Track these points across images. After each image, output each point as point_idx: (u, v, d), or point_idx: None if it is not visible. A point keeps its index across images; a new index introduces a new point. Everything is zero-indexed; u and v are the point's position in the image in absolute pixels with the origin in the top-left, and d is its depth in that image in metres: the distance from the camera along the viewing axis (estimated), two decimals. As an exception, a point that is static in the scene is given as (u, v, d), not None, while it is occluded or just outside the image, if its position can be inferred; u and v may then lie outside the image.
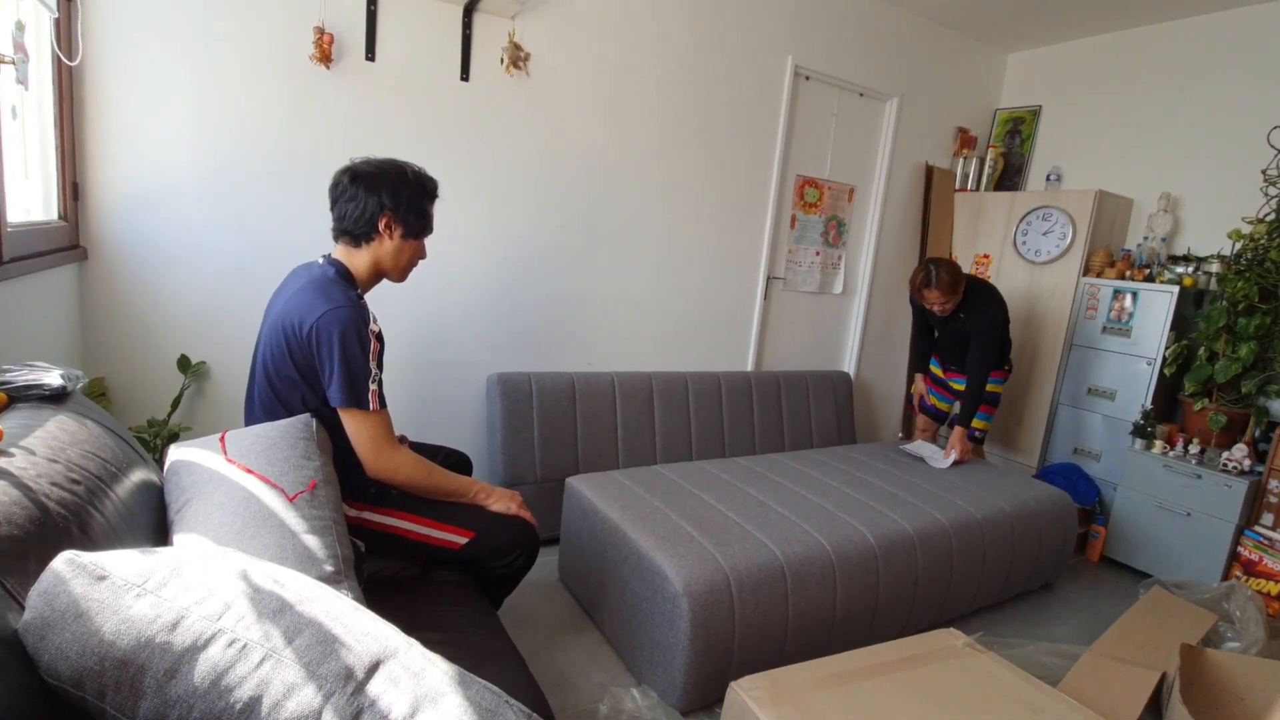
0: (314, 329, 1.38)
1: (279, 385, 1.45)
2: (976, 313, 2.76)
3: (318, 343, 1.38)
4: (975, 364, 2.76)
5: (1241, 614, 2.38)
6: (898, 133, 3.54)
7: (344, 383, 1.38)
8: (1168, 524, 2.83)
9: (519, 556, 1.61)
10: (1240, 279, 2.78)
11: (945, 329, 2.96)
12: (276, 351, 1.44)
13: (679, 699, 1.67)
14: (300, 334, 1.39)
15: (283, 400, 1.46)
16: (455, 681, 0.78)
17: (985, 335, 2.74)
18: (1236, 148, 3.03)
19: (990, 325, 2.75)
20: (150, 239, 2.10)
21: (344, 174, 1.49)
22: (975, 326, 2.75)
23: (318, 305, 1.39)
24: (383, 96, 2.31)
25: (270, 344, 1.45)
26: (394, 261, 1.55)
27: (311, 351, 1.39)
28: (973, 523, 2.25)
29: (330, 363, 1.38)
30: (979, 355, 2.75)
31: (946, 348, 3.05)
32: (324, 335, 1.37)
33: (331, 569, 1.11)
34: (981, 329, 2.74)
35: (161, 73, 2.02)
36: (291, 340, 1.41)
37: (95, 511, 0.98)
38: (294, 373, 1.43)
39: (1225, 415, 2.80)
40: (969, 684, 1.63)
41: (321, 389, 1.42)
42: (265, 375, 1.47)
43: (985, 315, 2.75)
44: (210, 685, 0.70)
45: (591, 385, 2.70)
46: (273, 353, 1.44)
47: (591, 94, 2.69)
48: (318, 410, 1.42)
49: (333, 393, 1.40)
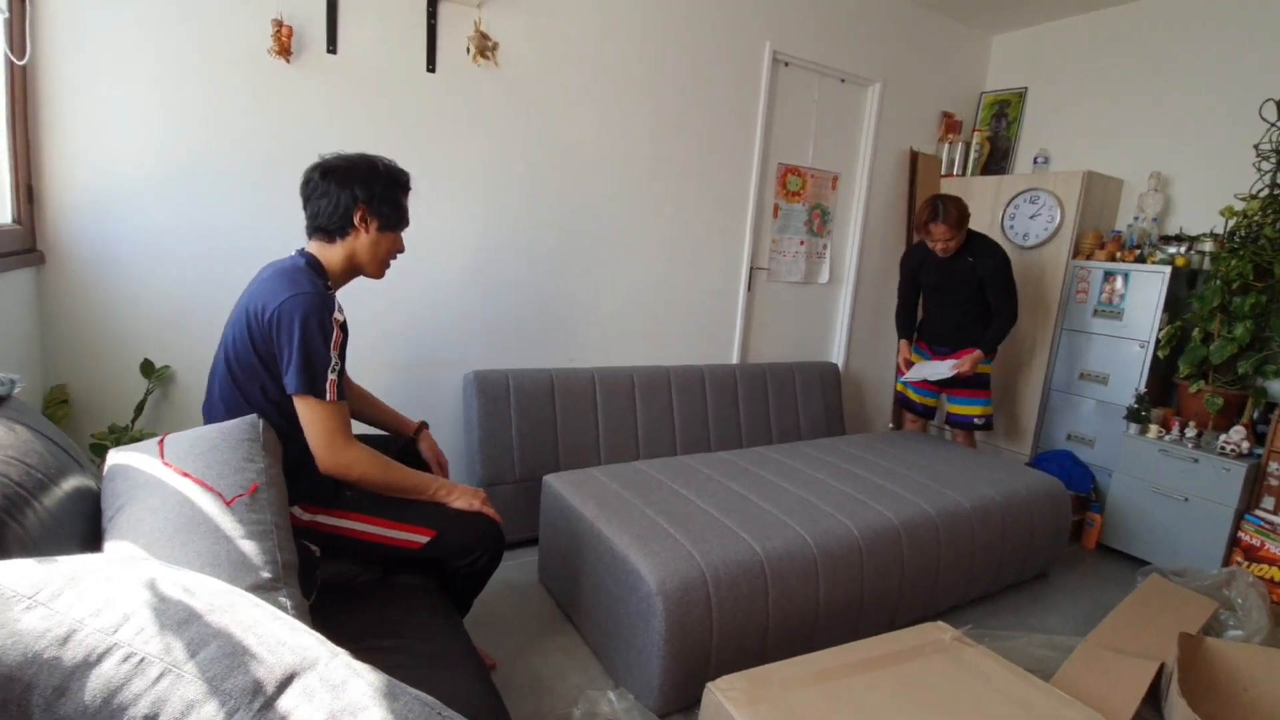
0: (276, 313, 1.35)
1: (240, 375, 1.41)
2: (986, 256, 2.76)
3: (278, 327, 1.35)
4: (1005, 305, 2.76)
5: (1243, 601, 2.32)
6: (881, 118, 3.49)
7: (301, 368, 1.34)
8: (1165, 510, 2.78)
9: (482, 556, 1.55)
10: (1234, 257, 2.72)
11: (943, 282, 2.87)
12: (239, 339, 1.40)
13: (656, 701, 1.62)
14: (262, 319, 1.36)
15: (243, 391, 1.41)
16: (381, 694, 0.73)
17: (1000, 276, 2.74)
18: (1227, 123, 2.97)
19: (1004, 266, 2.75)
20: (110, 241, 2.05)
21: (314, 170, 1.47)
22: (987, 270, 2.75)
23: (281, 291, 1.37)
24: (346, 90, 2.25)
25: (234, 331, 1.42)
26: (371, 255, 1.53)
27: (272, 337, 1.36)
28: (960, 512, 2.19)
29: (289, 347, 1.34)
30: (1002, 297, 2.76)
31: (936, 317, 2.97)
32: (285, 319, 1.34)
33: (269, 575, 1.05)
34: (995, 272, 2.74)
35: (116, 71, 1.97)
36: (254, 325, 1.37)
37: (11, 520, 0.93)
38: (255, 359, 1.38)
39: (1222, 397, 2.75)
40: (956, 680, 1.57)
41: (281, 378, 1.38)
42: (227, 365, 1.43)
43: (997, 258, 2.76)
44: (102, 704, 0.64)
45: (571, 381, 2.65)
46: (235, 340, 1.41)
47: (562, 84, 2.63)
48: (279, 403, 1.38)
49: (289, 378, 1.35)
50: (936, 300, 2.96)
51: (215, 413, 1.45)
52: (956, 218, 2.66)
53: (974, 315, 2.84)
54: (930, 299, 3.00)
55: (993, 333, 2.79)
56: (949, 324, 2.90)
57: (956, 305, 2.87)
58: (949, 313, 2.90)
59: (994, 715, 1.45)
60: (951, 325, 2.87)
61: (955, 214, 2.66)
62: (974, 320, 2.84)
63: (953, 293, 2.86)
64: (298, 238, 2.24)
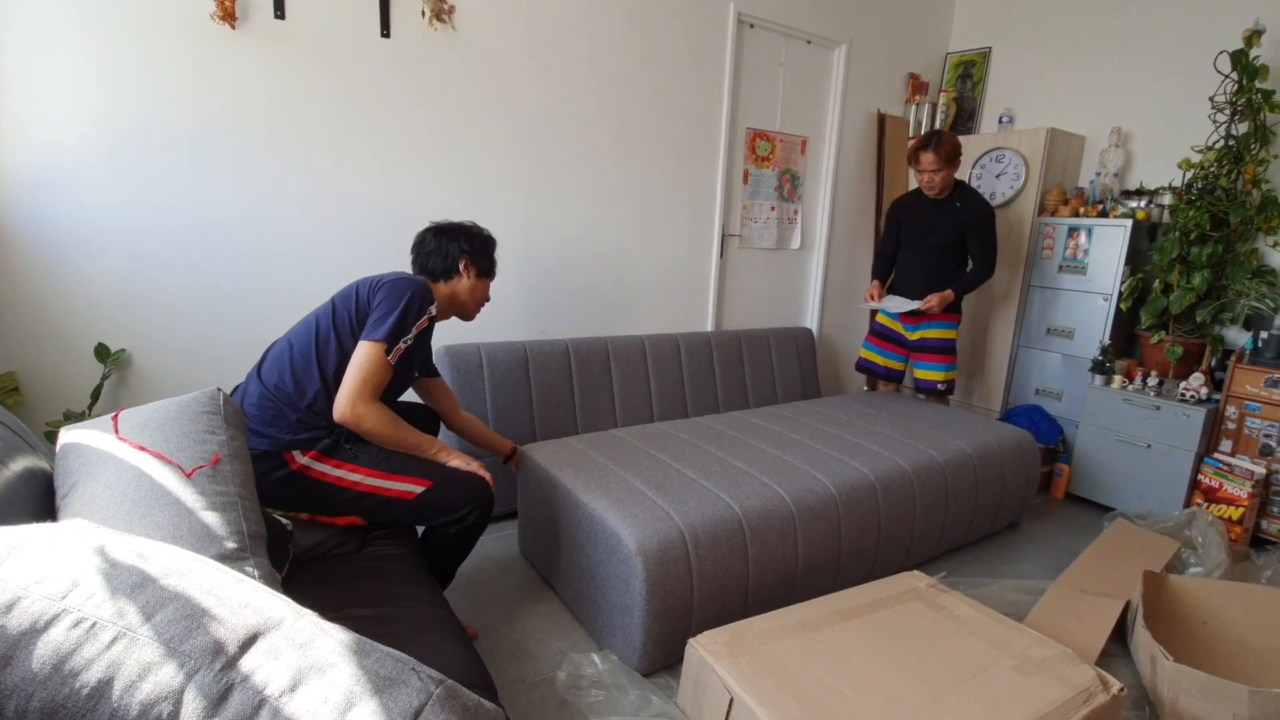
0: (390, 281, 1.58)
1: (323, 331, 1.56)
2: (974, 203, 2.80)
3: (385, 291, 1.56)
4: (979, 251, 2.81)
5: (1203, 539, 2.40)
6: (848, 81, 3.47)
7: (384, 323, 1.51)
8: (1129, 457, 2.85)
9: (473, 511, 1.60)
10: (1191, 208, 2.77)
11: (927, 227, 2.87)
12: (340, 305, 1.59)
13: (639, 660, 1.63)
14: (376, 284, 1.58)
15: (320, 353, 1.55)
16: (350, 650, 0.71)
17: (984, 224, 2.79)
18: (1185, 76, 3.01)
19: (990, 216, 2.80)
20: (54, 221, 1.96)
21: (428, 231, 1.79)
22: (973, 216, 2.78)
23: (400, 274, 1.63)
24: (297, 57, 2.17)
25: (339, 297, 1.61)
26: (470, 296, 1.81)
27: (372, 299, 1.56)
28: (934, 466, 2.23)
29: (385, 307, 1.53)
30: (983, 243, 2.80)
31: (910, 268, 2.95)
32: (394, 288, 1.56)
33: (234, 545, 1.02)
34: (981, 219, 2.79)
35: (46, 40, 1.86)
36: (362, 292, 1.59)
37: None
38: (350, 321, 1.56)
39: (1182, 346, 2.82)
40: (932, 624, 1.60)
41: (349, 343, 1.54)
42: (315, 325, 1.58)
43: (984, 207, 2.81)
44: (51, 670, 0.62)
45: (545, 354, 2.62)
46: (336, 302, 1.60)
47: (522, 48, 2.56)
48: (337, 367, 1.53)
49: (371, 327, 1.52)
50: (914, 252, 2.95)
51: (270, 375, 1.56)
52: (947, 151, 2.69)
53: (950, 269, 2.86)
54: (907, 254, 2.98)
55: (968, 277, 2.83)
56: (923, 275, 2.88)
57: (933, 253, 2.87)
58: (925, 261, 2.89)
59: (970, 656, 1.48)
60: (925, 279, 2.87)
61: (947, 148, 2.69)
62: (949, 274, 2.85)
63: (933, 236, 2.86)
64: (250, 211, 2.19)
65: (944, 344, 2.91)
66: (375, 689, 0.66)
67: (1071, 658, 1.49)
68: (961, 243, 2.83)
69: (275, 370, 1.54)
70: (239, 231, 2.20)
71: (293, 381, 1.52)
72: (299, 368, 1.53)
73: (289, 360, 1.54)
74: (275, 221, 2.25)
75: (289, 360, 1.54)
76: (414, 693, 0.66)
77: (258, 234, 2.23)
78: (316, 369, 1.53)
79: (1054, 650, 1.52)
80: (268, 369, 1.56)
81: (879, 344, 3.10)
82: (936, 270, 2.87)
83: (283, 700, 0.62)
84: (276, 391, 1.52)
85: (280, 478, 1.48)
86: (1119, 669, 1.80)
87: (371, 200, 2.39)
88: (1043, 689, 1.38)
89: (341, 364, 1.53)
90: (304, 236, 2.30)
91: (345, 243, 2.37)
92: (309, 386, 1.52)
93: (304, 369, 1.53)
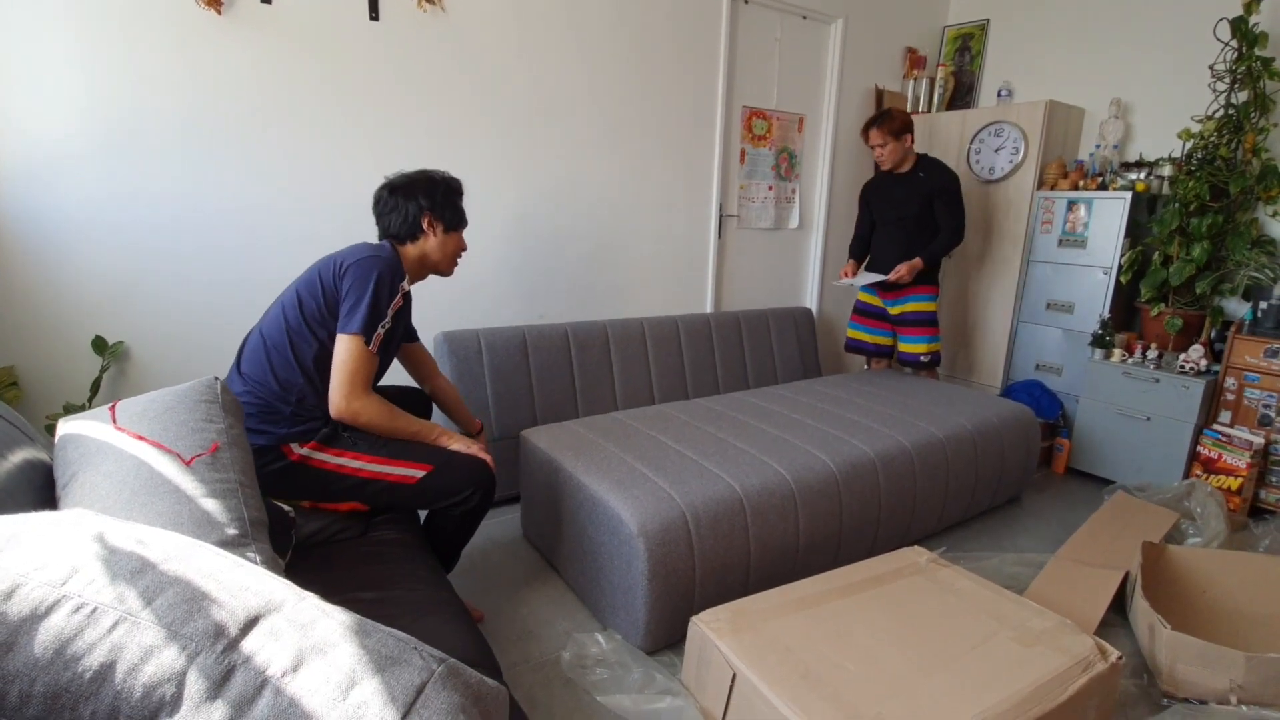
0: (354, 263, 1.51)
1: (294, 330, 1.51)
2: (936, 172, 2.83)
3: (352, 275, 1.49)
4: (946, 218, 2.82)
5: (1202, 510, 2.41)
6: (845, 56, 3.43)
7: (357, 313, 1.47)
8: (1129, 430, 2.86)
9: (475, 493, 1.60)
10: (1191, 179, 2.75)
11: (896, 200, 2.90)
12: (305, 290, 1.52)
13: (642, 639, 1.64)
14: (340, 267, 1.52)
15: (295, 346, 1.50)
16: (351, 631, 0.71)
17: (949, 190, 2.81)
18: (1184, 45, 2.97)
19: (953, 182, 2.83)
20: (46, 213, 1.94)
21: (383, 189, 1.68)
22: (937, 183, 2.81)
23: (362, 251, 1.55)
24: (284, 42, 2.14)
25: (294, 291, 1.54)
26: (441, 253, 1.70)
27: (338, 285, 1.50)
28: (934, 442, 2.23)
29: (355, 294, 1.48)
30: (949, 210, 2.81)
31: (885, 244, 2.97)
32: (360, 270, 1.50)
33: (235, 532, 1.03)
34: (946, 185, 2.81)
35: (31, 32, 1.84)
36: (325, 275, 1.52)
37: (-50, 489, 0.89)
38: (318, 307, 1.50)
39: (1181, 318, 2.81)
40: (933, 597, 1.61)
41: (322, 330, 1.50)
42: (285, 322, 1.52)
43: (946, 174, 2.83)
44: (54, 655, 0.62)
45: (544, 338, 2.61)
46: (299, 296, 1.52)
47: (513, 28, 2.53)
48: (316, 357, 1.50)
49: (345, 318, 1.48)
50: (886, 227, 2.98)
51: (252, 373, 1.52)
52: (893, 127, 2.75)
53: (921, 240, 2.86)
54: (880, 230, 3.01)
55: (937, 244, 2.83)
56: (897, 249, 2.89)
57: (904, 227, 2.88)
58: (897, 235, 2.91)
59: (970, 628, 1.49)
60: (898, 254, 2.87)
61: (895, 122, 2.76)
62: (921, 246, 2.85)
63: (901, 209, 2.89)
64: (241, 201, 2.18)
65: (923, 316, 2.93)
66: (377, 668, 0.66)
67: (1070, 628, 1.50)
68: (930, 213, 2.84)
69: (256, 367, 1.52)
70: (231, 222, 2.19)
71: (274, 379, 1.49)
72: (278, 365, 1.50)
73: (265, 357, 1.51)
74: (267, 210, 2.23)
75: (265, 357, 1.51)
76: (416, 671, 0.67)
77: (250, 224, 2.22)
78: (295, 365, 1.49)
79: (1053, 621, 1.53)
80: (248, 366, 1.53)
81: (864, 321, 3.11)
82: (909, 244, 2.87)
83: (285, 680, 0.63)
84: (262, 389, 1.49)
85: (280, 469, 1.49)
86: (1118, 638, 1.82)
87: (363, 185, 2.35)
88: (1042, 659, 1.39)
89: (321, 355, 1.50)
90: (296, 224, 2.28)
91: (337, 229, 2.35)
92: (293, 383, 1.49)
93: (283, 365, 1.50)
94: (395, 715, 0.62)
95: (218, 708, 0.61)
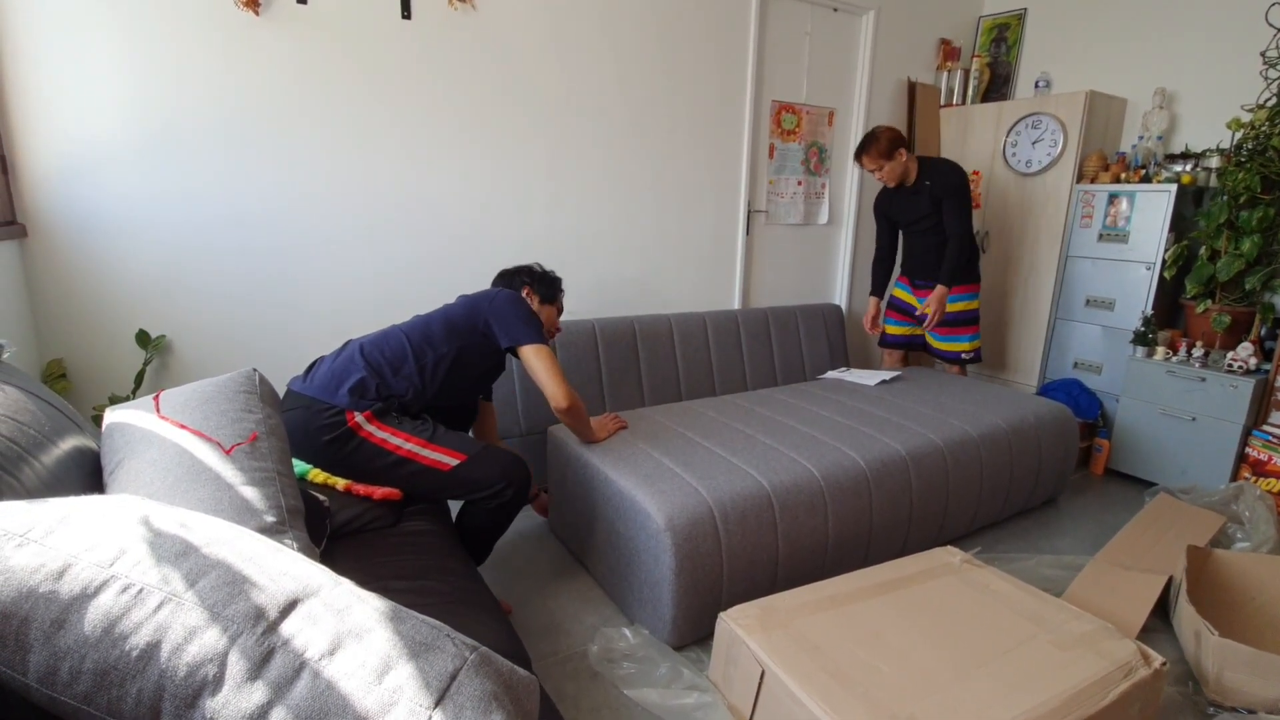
0: (492, 299, 1.80)
1: (418, 338, 1.73)
2: (942, 176, 2.75)
3: (496, 307, 1.77)
4: (953, 224, 2.74)
5: (1251, 514, 2.32)
6: (876, 49, 3.37)
7: (518, 327, 1.77)
8: (1172, 430, 2.77)
9: (507, 487, 1.63)
10: (1241, 170, 2.65)
11: (911, 213, 2.86)
12: (451, 315, 1.78)
13: (670, 634, 1.64)
14: (489, 304, 1.79)
15: (415, 349, 1.71)
16: (386, 617, 0.72)
17: (952, 190, 2.72)
18: (1233, 32, 2.86)
19: (960, 184, 2.73)
20: (91, 211, 2.01)
21: (497, 278, 2.03)
22: (944, 189, 2.73)
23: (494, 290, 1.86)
24: (319, 41, 2.18)
25: (438, 314, 1.80)
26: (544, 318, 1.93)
27: (488, 316, 1.77)
28: (968, 441, 2.18)
29: (508, 316, 1.77)
30: (955, 216, 2.73)
31: (917, 250, 2.94)
32: (500, 301, 1.79)
33: (273, 519, 1.05)
34: (951, 189, 2.73)
35: (75, 33, 1.90)
36: (480, 307, 1.78)
37: (4, 473, 0.92)
38: (462, 326, 1.75)
39: (1229, 315, 2.71)
40: (966, 598, 1.58)
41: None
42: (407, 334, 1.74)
43: (952, 176, 2.74)
44: (103, 634, 0.64)
45: (571, 334, 2.62)
46: (443, 317, 1.78)
47: (543, 26, 2.54)
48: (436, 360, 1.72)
49: (512, 336, 1.76)
50: (911, 235, 2.94)
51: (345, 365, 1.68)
52: (884, 147, 2.68)
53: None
54: (907, 238, 2.98)
55: (947, 263, 2.76)
56: (930, 255, 2.86)
57: (928, 235, 2.84)
58: (924, 242, 2.87)
59: (1005, 630, 1.46)
60: (931, 261, 2.84)
61: (881, 143, 2.68)
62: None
63: (920, 220, 2.84)
64: (279, 200, 2.22)
65: (966, 315, 2.89)
66: (411, 654, 0.67)
67: (1111, 632, 1.46)
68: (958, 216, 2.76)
69: (413, 327, 1.75)
70: (268, 219, 2.23)
71: (429, 347, 1.71)
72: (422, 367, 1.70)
73: (409, 352, 1.70)
74: (303, 209, 2.28)
75: (409, 352, 1.70)
76: (449, 658, 0.67)
77: (286, 220, 2.26)
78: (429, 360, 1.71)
79: (1093, 624, 1.49)
80: (403, 325, 1.77)
81: (898, 317, 3.08)
82: (938, 249, 2.83)
83: (322, 663, 0.64)
84: (419, 339, 1.71)
85: (335, 436, 1.56)
86: (1161, 644, 1.76)
87: (396, 184, 2.41)
88: (1082, 663, 1.35)
89: (437, 359, 1.72)
90: (331, 221, 2.33)
91: (371, 226, 2.39)
92: (437, 368, 1.71)
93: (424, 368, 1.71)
94: (430, 701, 0.62)
95: (258, 688, 0.62)
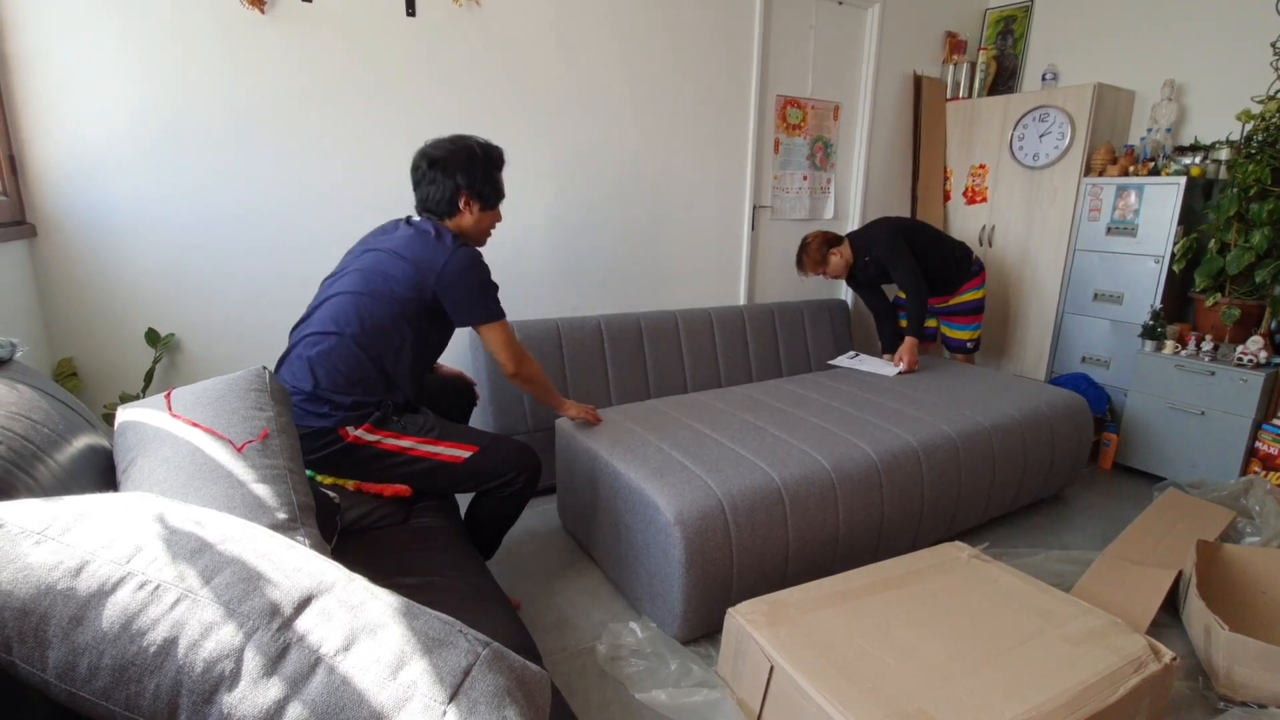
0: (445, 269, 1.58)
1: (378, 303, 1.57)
2: (875, 245, 2.82)
3: (450, 283, 1.58)
4: (903, 280, 2.77)
5: (1261, 508, 2.31)
6: (882, 42, 3.35)
7: (479, 304, 1.63)
8: (1181, 425, 2.75)
9: (519, 475, 1.64)
10: (1251, 162, 2.63)
11: (876, 281, 2.97)
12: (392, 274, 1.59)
13: (678, 629, 1.64)
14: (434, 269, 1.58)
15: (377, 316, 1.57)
16: (399, 613, 0.72)
17: (889, 254, 2.77)
18: (1242, 22, 2.84)
19: (887, 238, 2.78)
20: (99, 210, 2.01)
21: (421, 159, 1.67)
22: (881, 255, 2.79)
23: (432, 249, 1.60)
24: (324, 39, 2.18)
25: (376, 268, 1.60)
26: (476, 229, 1.72)
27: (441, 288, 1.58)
28: (980, 431, 2.18)
29: (464, 293, 1.60)
30: (901, 271, 2.76)
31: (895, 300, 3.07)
32: (455, 274, 1.59)
33: (285, 516, 1.05)
34: (885, 251, 2.77)
35: (81, 33, 1.90)
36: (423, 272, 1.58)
37: (20, 472, 0.92)
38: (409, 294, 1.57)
39: (1239, 308, 2.69)
40: (975, 594, 1.58)
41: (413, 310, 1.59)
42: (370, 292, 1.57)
43: (880, 234, 2.80)
44: (120, 629, 0.64)
45: (577, 330, 2.62)
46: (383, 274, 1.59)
47: (547, 22, 2.53)
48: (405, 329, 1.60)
49: (470, 316, 1.63)
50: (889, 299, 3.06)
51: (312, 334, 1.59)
52: (815, 255, 2.82)
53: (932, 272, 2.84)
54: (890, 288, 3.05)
55: (909, 316, 2.80)
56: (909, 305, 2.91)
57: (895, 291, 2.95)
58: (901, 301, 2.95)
59: (1014, 625, 1.46)
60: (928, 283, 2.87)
61: (811, 249, 2.82)
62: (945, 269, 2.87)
63: (881, 287, 2.99)
64: (286, 199, 2.23)
65: (972, 305, 2.95)
66: (425, 649, 0.67)
67: (1121, 627, 1.46)
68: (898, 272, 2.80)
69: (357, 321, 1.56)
70: (274, 217, 2.24)
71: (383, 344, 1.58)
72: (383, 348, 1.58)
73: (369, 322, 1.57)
74: (310, 208, 2.28)
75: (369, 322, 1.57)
76: (462, 654, 0.67)
77: (295, 220, 2.27)
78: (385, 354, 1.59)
79: (1102, 619, 1.48)
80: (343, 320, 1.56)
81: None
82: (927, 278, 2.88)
83: (337, 659, 0.64)
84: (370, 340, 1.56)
85: (335, 451, 1.55)
86: (1171, 639, 1.75)
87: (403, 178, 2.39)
88: (1091, 658, 1.35)
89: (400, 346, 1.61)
90: (337, 219, 2.33)
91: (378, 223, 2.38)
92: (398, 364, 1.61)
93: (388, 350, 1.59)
94: (444, 696, 0.63)
95: (274, 684, 0.63)
